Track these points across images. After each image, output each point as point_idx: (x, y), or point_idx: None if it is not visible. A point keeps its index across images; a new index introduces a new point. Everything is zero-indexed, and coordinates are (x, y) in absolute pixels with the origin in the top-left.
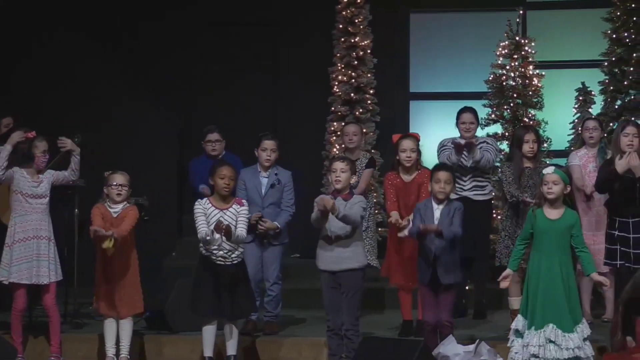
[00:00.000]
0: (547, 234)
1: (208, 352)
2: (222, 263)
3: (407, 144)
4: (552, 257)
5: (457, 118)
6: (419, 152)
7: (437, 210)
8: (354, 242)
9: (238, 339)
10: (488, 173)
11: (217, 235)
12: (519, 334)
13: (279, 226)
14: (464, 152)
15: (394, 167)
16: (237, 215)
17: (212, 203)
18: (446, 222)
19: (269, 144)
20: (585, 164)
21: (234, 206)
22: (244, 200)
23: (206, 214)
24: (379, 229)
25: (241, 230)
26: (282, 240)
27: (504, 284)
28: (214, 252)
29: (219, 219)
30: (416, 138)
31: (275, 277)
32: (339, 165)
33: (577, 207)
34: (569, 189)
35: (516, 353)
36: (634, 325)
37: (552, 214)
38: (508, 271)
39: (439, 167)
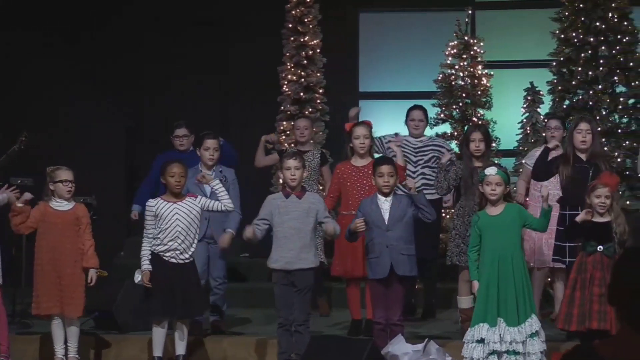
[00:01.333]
0: (492, 230)
1: (157, 352)
2: (175, 262)
3: (360, 131)
4: (501, 254)
5: (407, 115)
6: (372, 140)
7: (386, 202)
8: (309, 242)
9: (187, 338)
10: (436, 167)
11: (138, 277)
12: (473, 335)
13: (233, 232)
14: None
15: (347, 156)
16: (193, 211)
17: (164, 199)
18: (398, 213)
19: (211, 142)
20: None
21: (188, 199)
22: (197, 195)
23: (157, 213)
24: None
25: (226, 200)
26: None
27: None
28: (169, 252)
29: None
30: (369, 125)
31: (221, 275)
32: (292, 163)
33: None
34: (508, 189)
35: (466, 358)
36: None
37: (494, 210)
38: (474, 284)
39: (380, 160)
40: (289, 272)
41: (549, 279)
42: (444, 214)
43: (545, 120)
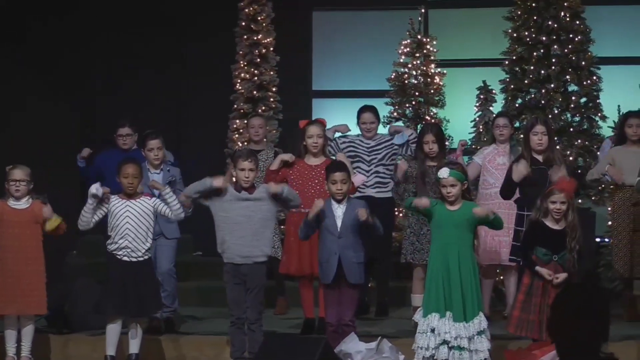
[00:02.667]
0: (445, 224)
1: (110, 350)
2: (128, 260)
3: (313, 129)
4: (452, 249)
5: (358, 117)
6: (325, 138)
7: (339, 209)
8: (262, 237)
9: (142, 337)
10: (390, 166)
11: (93, 190)
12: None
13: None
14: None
15: (300, 154)
16: (145, 210)
17: (118, 196)
18: (351, 221)
19: (154, 143)
20: (492, 159)
21: (143, 198)
22: (152, 196)
23: (110, 209)
24: (282, 227)
25: (174, 204)
26: (173, 235)
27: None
28: (121, 251)
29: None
30: (322, 124)
31: (170, 272)
32: (247, 164)
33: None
34: (466, 185)
35: (421, 348)
36: None
37: (452, 207)
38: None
39: (333, 167)
40: (239, 266)
41: (501, 277)
42: (397, 213)
43: (493, 118)
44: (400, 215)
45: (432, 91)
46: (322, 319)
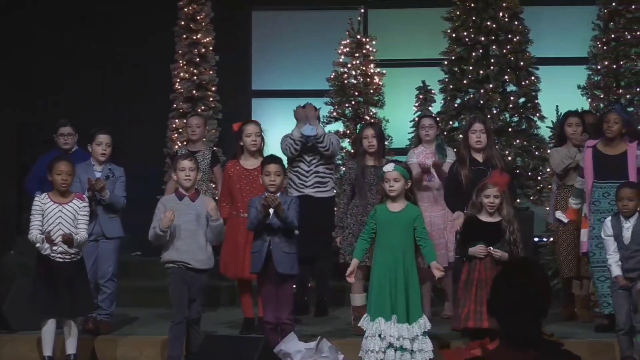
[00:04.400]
0: (389, 226)
1: (47, 351)
2: (61, 260)
3: (251, 128)
4: (395, 251)
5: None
6: (262, 138)
7: None
8: (203, 244)
9: (78, 337)
10: (331, 166)
11: (46, 245)
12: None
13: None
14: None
15: (236, 155)
16: (76, 213)
17: (50, 198)
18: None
19: (104, 138)
20: (422, 161)
21: (74, 201)
22: (84, 195)
23: (44, 210)
24: None
25: (82, 232)
26: (116, 234)
27: (350, 279)
28: (53, 253)
29: (63, 234)
30: (258, 124)
31: (110, 274)
32: (187, 164)
33: (418, 202)
34: (409, 184)
35: (372, 351)
36: None
37: (395, 207)
38: (354, 262)
39: (268, 159)
40: (185, 271)
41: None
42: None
43: (418, 119)
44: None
45: (371, 91)
46: (261, 318)
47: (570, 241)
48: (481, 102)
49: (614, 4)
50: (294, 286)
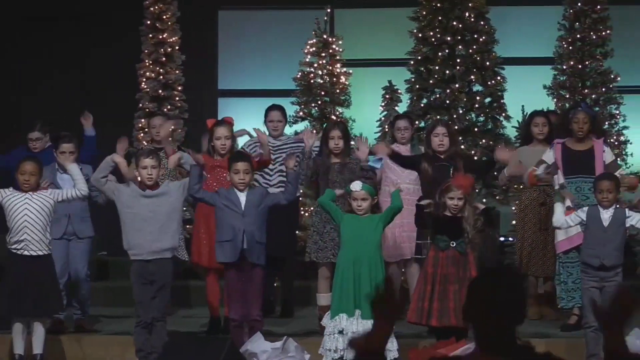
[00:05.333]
0: (355, 232)
1: (18, 349)
2: (28, 254)
3: (221, 131)
4: (360, 247)
5: (265, 116)
6: (233, 139)
7: (242, 196)
8: (169, 230)
9: (45, 337)
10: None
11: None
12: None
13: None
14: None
15: (209, 152)
16: (47, 203)
17: (15, 191)
18: (254, 202)
19: (66, 147)
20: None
21: (41, 192)
22: (49, 189)
23: (5, 205)
24: (187, 226)
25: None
26: (86, 234)
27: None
28: (20, 244)
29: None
30: (230, 123)
31: (84, 273)
32: (149, 162)
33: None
34: (375, 200)
35: (329, 350)
36: None
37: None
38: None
39: (236, 157)
40: (147, 263)
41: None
42: (302, 212)
43: (393, 119)
44: (306, 214)
45: (337, 91)
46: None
47: (534, 240)
48: (447, 102)
49: (579, 4)
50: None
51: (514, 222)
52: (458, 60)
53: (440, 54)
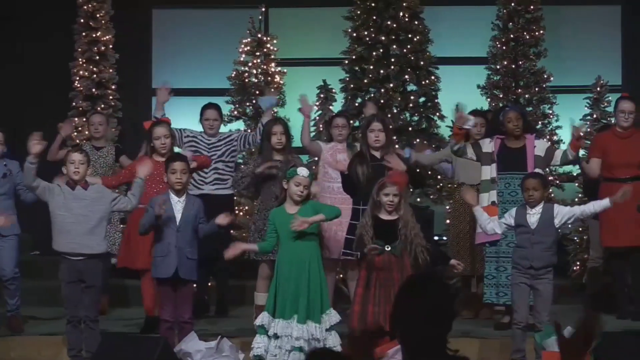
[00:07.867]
0: (288, 227)
1: None
2: None
3: (160, 131)
4: (298, 251)
5: (201, 114)
6: (172, 137)
7: (179, 203)
8: (99, 232)
9: None
10: (231, 163)
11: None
12: (263, 329)
13: None
14: None
15: (147, 154)
16: None
17: None
18: (190, 217)
19: None
20: (333, 154)
21: None
22: None
23: None
24: (121, 225)
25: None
26: (13, 231)
27: (227, 255)
28: None
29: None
30: (168, 123)
31: (13, 271)
32: (77, 157)
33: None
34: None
35: (258, 348)
36: None
37: (292, 209)
38: (252, 246)
39: (174, 157)
40: (76, 262)
41: (341, 275)
42: (238, 212)
43: (331, 118)
44: (241, 213)
45: (272, 90)
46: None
47: (466, 239)
48: (382, 101)
49: (513, 4)
50: (194, 285)
51: (447, 221)
52: (392, 60)
53: (374, 53)
